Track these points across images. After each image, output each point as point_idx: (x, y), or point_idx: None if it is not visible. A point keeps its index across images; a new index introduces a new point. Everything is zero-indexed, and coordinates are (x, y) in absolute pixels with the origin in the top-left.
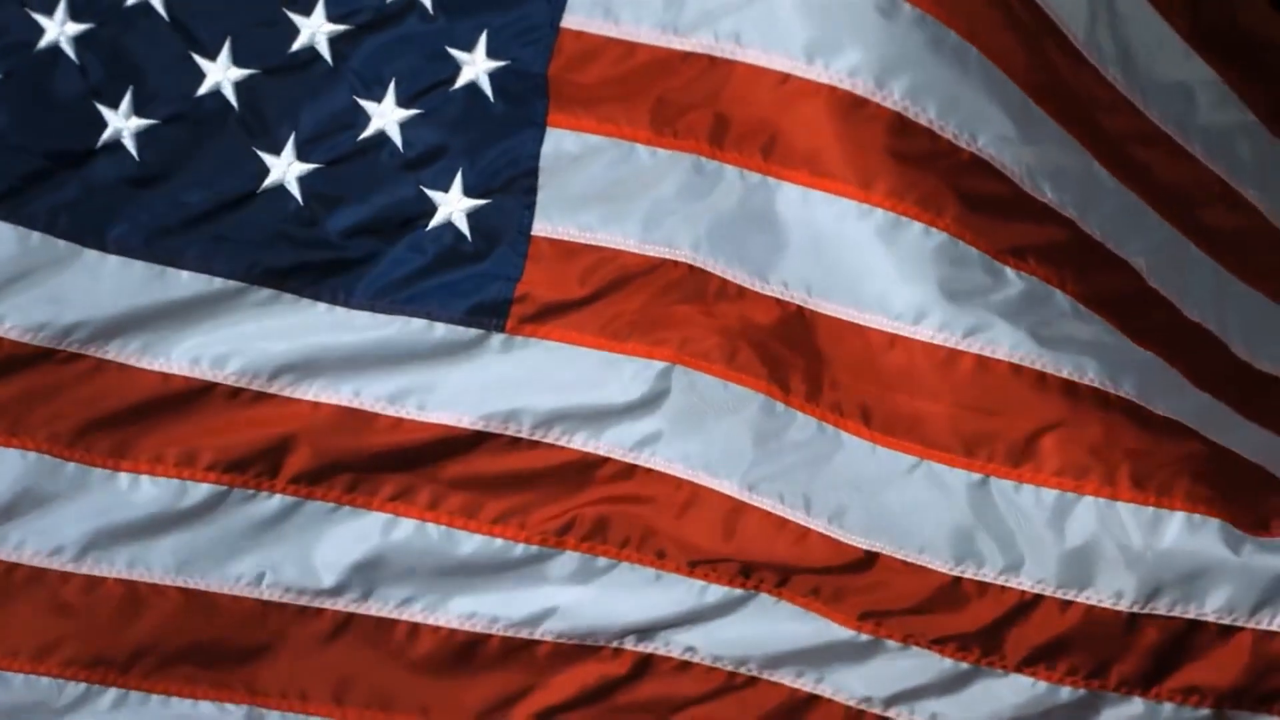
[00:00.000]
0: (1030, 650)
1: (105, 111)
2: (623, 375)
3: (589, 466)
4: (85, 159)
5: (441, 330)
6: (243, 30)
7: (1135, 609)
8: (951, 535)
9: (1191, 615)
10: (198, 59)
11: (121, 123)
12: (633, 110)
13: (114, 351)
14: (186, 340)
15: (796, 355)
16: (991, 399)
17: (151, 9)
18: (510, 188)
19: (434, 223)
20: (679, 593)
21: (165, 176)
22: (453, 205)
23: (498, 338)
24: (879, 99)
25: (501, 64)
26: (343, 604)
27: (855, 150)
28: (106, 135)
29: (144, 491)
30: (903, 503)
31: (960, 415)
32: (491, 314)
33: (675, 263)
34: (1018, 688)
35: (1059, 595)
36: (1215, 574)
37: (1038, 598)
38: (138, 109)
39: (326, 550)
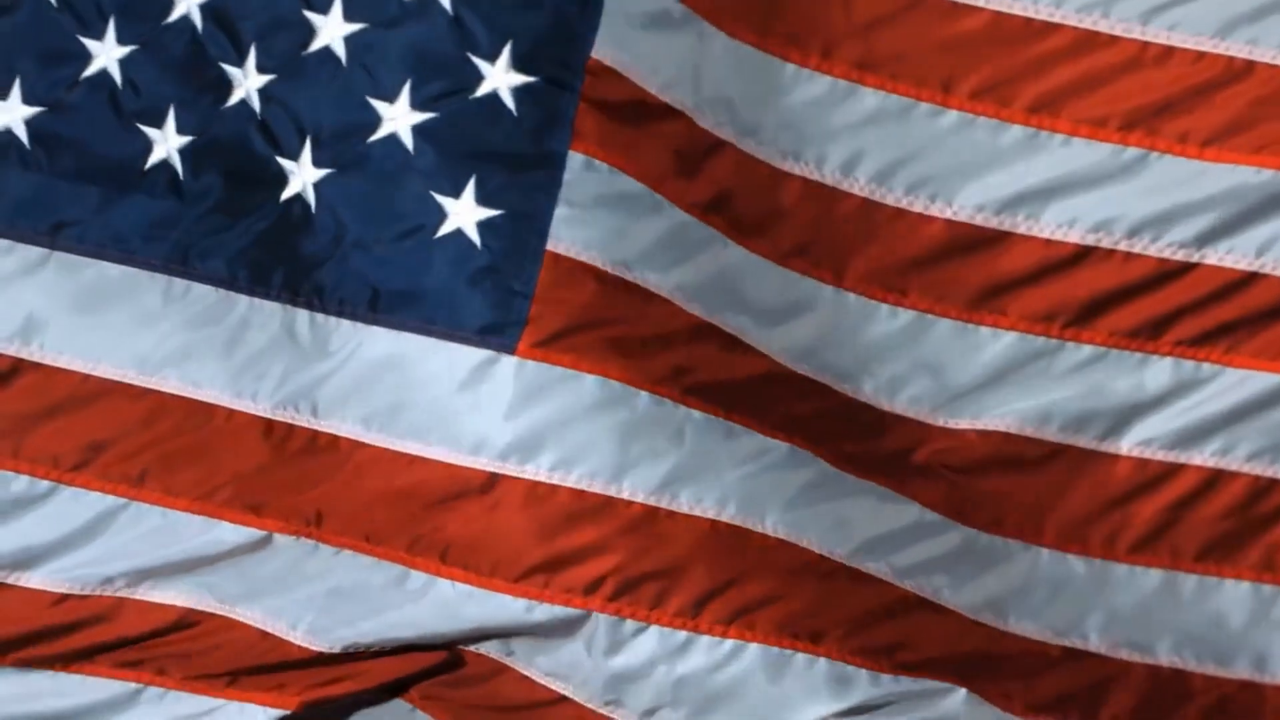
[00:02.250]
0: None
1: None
2: (636, 405)
3: (613, 507)
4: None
5: (454, 350)
6: (264, 34)
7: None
8: None
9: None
10: (226, 68)
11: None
12: (651, 153)
13: (112, 370)
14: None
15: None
16: None
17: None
18: (528, 202)
19: (443, 230)
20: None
21: (203, 194)
22: (464, 213)
23: (509, 361)
24: None
25: (528, 80)
26: None
27: None
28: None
29: None
30: None
31: None
32: (502, 333)
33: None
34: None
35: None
36: None
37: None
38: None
39: None
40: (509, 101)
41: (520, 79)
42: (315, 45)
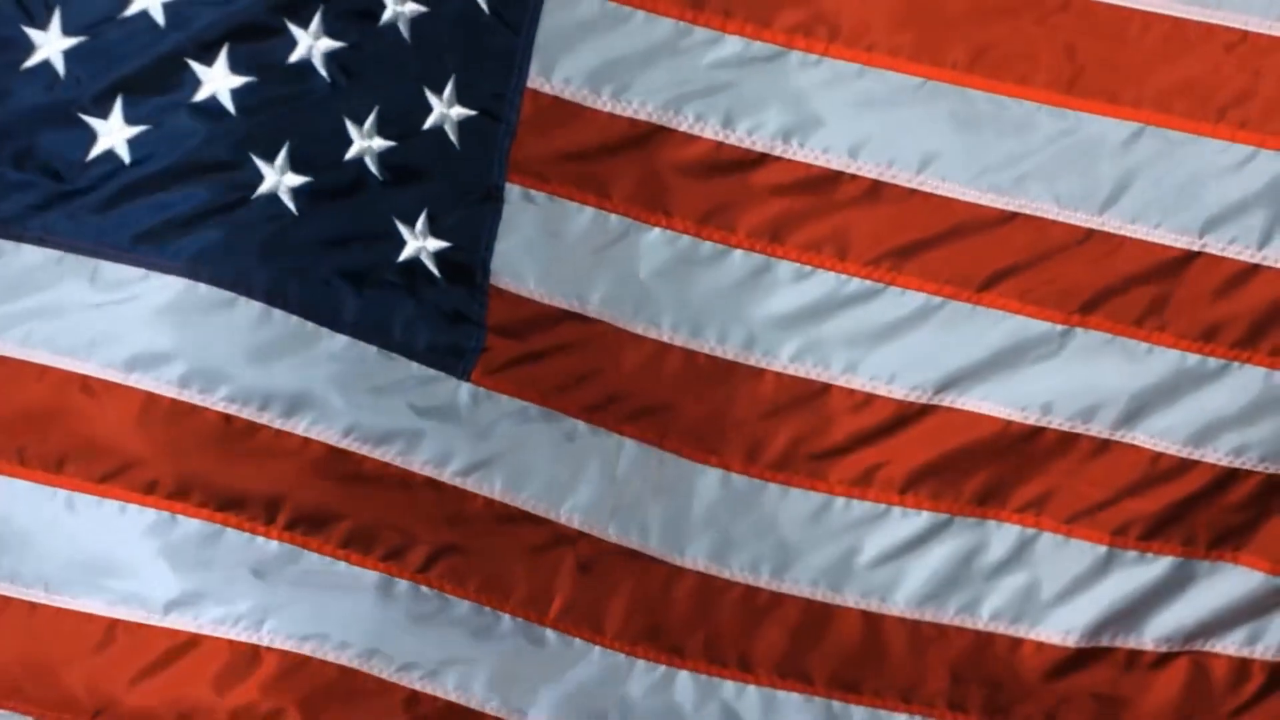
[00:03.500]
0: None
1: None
2: (581, 443)
3: (565, 539)
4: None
5: (412, 369)
6: (240, 39)
7: (1081, 644)
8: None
9: (1131, 646)
10: (194, 65)
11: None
12: (591, 174)
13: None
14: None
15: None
16: None
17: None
18: (470, 234)
19: (404, 256)
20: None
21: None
22: (419, 242)
23: (465, 389)
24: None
25: (469, 113)
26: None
27: None
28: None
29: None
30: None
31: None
32: (457, 357)
33: (628, 332)
34: None
35: (1009, 632)
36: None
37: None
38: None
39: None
40: (452, 135)
41: (462, 112)
42: (295, 57)
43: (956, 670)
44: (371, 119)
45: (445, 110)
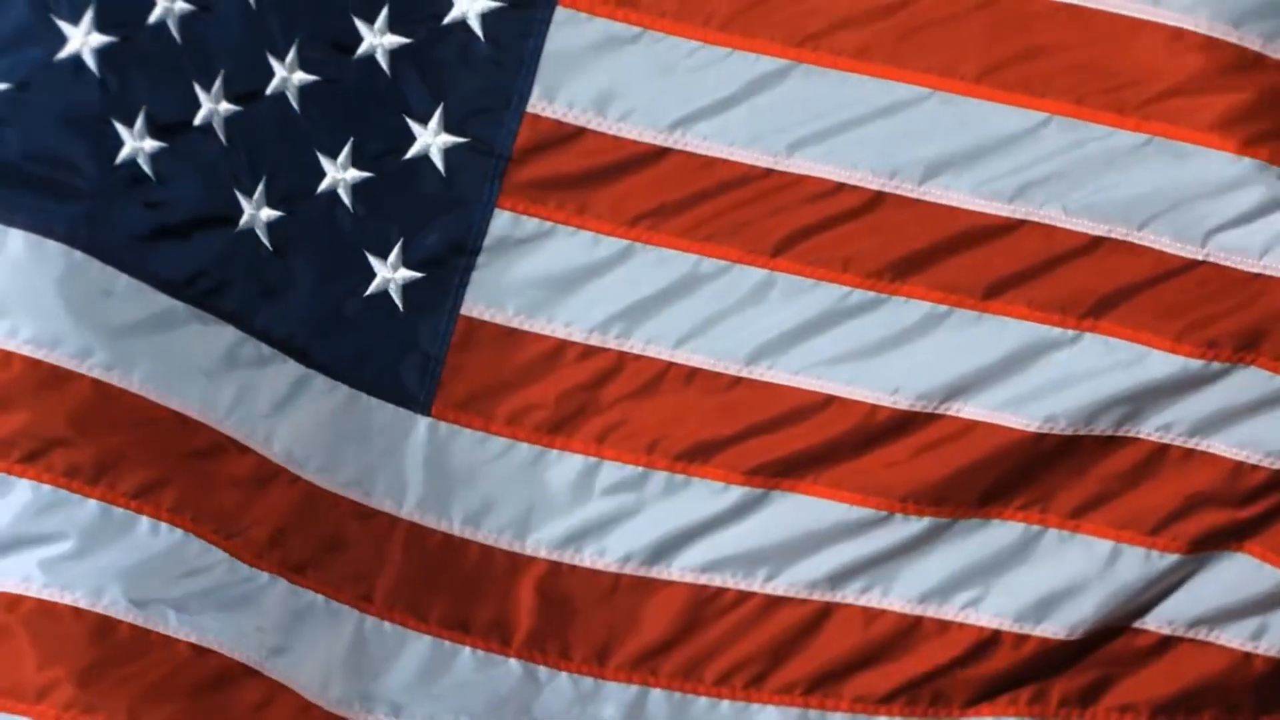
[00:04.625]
0: (978, 687)
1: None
2: (547, 471)
3: (518, 565)
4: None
5: (374, 405)
6: (232, 66)
7: (1084, 635)
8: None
9: (1134, 626)
10: (198, 88)
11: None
12: (589, 199)
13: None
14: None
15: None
16: None
17: (167, 29)
18: (446, 264)
19: (371, 289)
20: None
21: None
22: (389, 274)
23: (424, 422)
24: None
25: (458, 140)
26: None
27: None
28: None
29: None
30: (868, 552)
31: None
32: (419, 394)
33: (614, 351)
34: None
35: (1016, 630)
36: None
37: (995, 634)
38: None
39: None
40: (439, 163)
41: (450, 139)
42: (270, 89)
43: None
44: (346, 151)
45: (431, 139)
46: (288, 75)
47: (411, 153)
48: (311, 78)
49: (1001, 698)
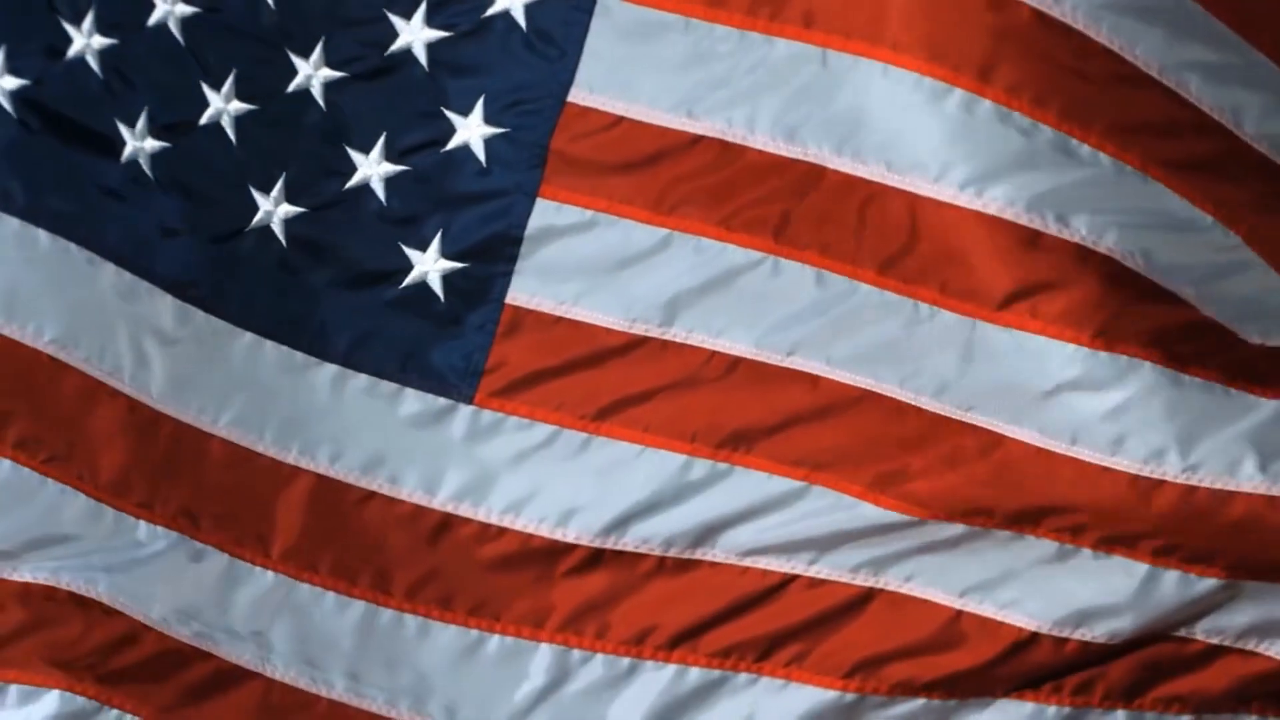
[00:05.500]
0: (1020, 679)
1: (123, 129)
2: (595, 458)
3: (556, 554)
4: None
5: (410, 396)
6: (246, 65)
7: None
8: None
9: (1181, 634)
10: (205, 88)
11: (139, 142)
12: (631, 188)
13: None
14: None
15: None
16: None
17: (167, 31)
18: (490, 253)
19: (409, 280)
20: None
21: (172, 202)
22: (429, 265)
23: (466, 410)
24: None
25: (499, 131)
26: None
27: None
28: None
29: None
30: (910, 547)
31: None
32: (461, 382)
33: (652, 339)
34: (1004, 712)
35: (1055, 633)
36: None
37: (1035, 635)
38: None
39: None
40: (479, 153)
41: (491, 130)
42: (293, 86)
43: None
44: (379, 145)
45: (472, 131)
46: (312, 73)
47: (451, 144)
48: (339, 74)
49: (1045, 685)
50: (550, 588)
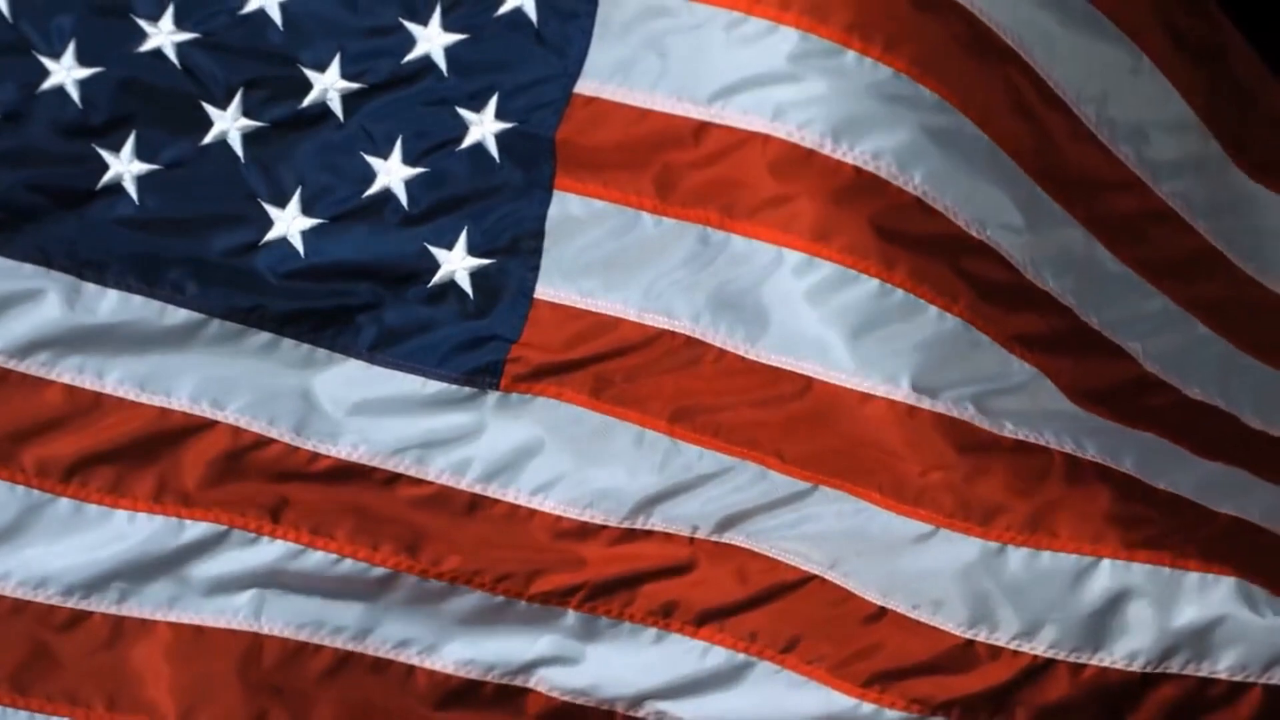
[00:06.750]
0: (1039, 713)
1: (106, 155)
2: (616, 442)
3: (589, 531)
4: (85, 199)
5: (435, 388)
6: (254, 83)
7: (1149, 669)
8: (966, 598)
9: (1204, 674)
10: (207, 107)
11: (123, 166)
12: (639, 177)
13: (111, 385)
14: (186, 377)
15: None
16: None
17: (163, 55)
18: (515, 249)
19: (436, 279)
20: (679, 656)
21: (166, 222)
22: (456, 263)
23: (493, 395)
24: (900, 183)
25: (509, 125)
26: (340, 642)
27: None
28: (107, 178)
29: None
30: (917, 567)
31: (968, 487)
32: (487, 373)
33: (674, 333)
34: None
35: (1072, 659)
36: (1230, 632)
37: (1050, 661)
38: (140, 154)
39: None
40: (493, 150)
41: (502, 125)
42: (309, 100)
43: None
44: (396, 150)
45: (484, 128)
46: (329, 85)
47: (466, 142)
48: (356, 85)
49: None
50: (580, 565)
